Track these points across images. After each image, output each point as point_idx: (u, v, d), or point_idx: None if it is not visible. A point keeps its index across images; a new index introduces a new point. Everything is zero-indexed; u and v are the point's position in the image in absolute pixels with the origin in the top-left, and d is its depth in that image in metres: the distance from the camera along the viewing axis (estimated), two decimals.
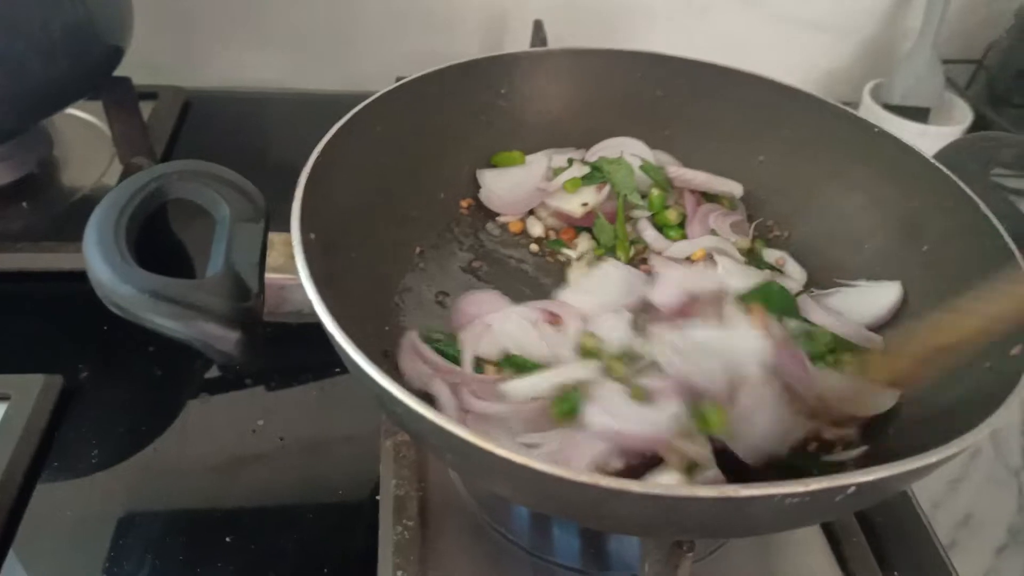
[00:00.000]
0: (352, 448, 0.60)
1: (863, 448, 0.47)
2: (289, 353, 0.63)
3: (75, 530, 0.53)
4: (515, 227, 0.65)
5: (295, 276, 0.42)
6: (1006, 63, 1.01)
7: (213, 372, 0.65)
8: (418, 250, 0.61)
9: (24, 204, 0.74)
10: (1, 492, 0.53)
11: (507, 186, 0.63)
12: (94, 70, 0.69)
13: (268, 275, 0.44)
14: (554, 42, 0.83)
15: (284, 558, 0.53)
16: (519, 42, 0.91)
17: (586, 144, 0.66)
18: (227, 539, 0.54)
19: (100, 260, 0.41)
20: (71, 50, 0.64)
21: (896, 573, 0.55)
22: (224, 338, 0.41)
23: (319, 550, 0.54)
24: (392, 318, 0.56)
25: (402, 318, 0.57)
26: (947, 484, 0.63)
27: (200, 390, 0.63)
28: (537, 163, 0.64)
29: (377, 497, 0.54)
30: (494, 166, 0.65)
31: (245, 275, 0.43)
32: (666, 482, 0.39)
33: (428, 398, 0.49)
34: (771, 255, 0.63)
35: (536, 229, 0.65)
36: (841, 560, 0.54)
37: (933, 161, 0.56)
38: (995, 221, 0.50)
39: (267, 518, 0.55)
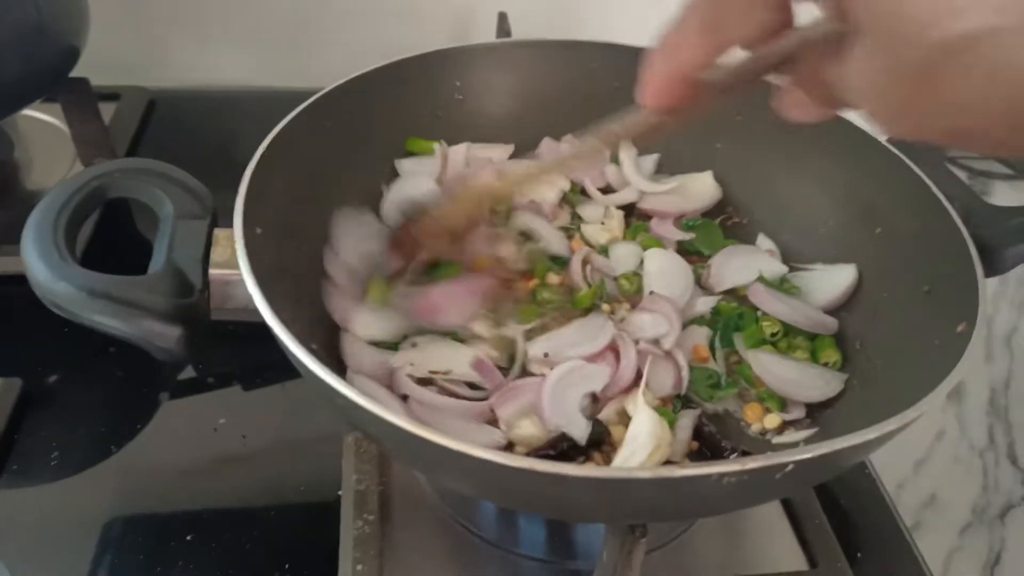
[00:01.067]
0: (315, 445, 0.60)
1: (814, 429, 0.47)
2: (251, 352, 0.63)
3: (34, 533, 0.53)
4: None
5: (238, 271, 0.42)
6: None
7: (174, 373, 0.64)
8: None
9: None
10: None
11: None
12: (49, 71, 0.69)
13: (212, 271, 0.44)
14: (520, 34, 0.83)
15: (246, 556, 0.53)
16: (487, 34, 0.91)
17: (536, 141, 0.66)
18: (188, 538, 0.53)
19: (36, 258, 0.40)
20: (22, 51, 0.64)
21: (860, 555, 0.55)
22: (165, 334, 0.40)
23: (281, 547, 0.53)
24: None
25: None
26: (912, 465, 0.64)
27: (161, 390, 0.63)
28: (454, 155, 0.63)
29: (339, 492, 0.54)
30: (411, 153, 0.64)
31: (188, 271, 0.43)
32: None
33: None
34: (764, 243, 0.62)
35: None
36: (803, 542, 0.54)
37: (886, 144, 0.56)
38: (945, 201, 0.50)
39: (229, 516, 0.55)
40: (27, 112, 0.80)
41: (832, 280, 0.56)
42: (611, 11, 0.96)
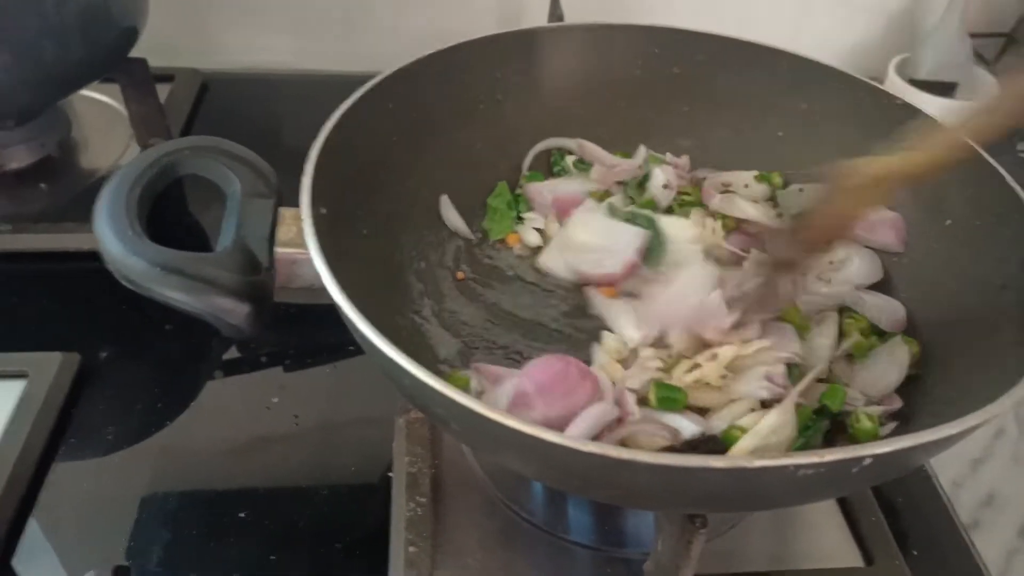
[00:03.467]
0: (366, 426, 0.60)
1: (893, 424, 0.46)
2: (304, 331, 0.64)
3: (92, 507, 0.54)
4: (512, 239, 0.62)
5: (305, 251, 0.42)
6: None
7: (229, 351, 0.65)
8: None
9: (43, 185, 0.75)
10: (19, 468, 0.54)
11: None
12: (109, 51, 0.70)
13: (278, 249, 0.44)
14: (571, 17, 0.82)
15: (298, 534, 0.53)
16: (536, 17, 0.90)
17: (595, 127, 0.65)
18: (241, 515, 0.54)
19: (111, 234, 0.41)
20: (86, 31, 0.65)
21: (915, 552, 0.54)
22: (234, 311, 0.41)
23: (333, 526, 0.54)
24: (406, 294, 0.56)
25: (416, 296, 0.56)
26: (969, 463, 0.62)
27: (215, 368, 0.64)
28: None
29: (390, 474, 0.54)
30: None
31: (255, 249, 0.43)
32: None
33: None
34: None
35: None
36: (859, 539, 0.53)
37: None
38: (1020, 191, 0.49)
39: (281, 495, 0.55)
40: (84, 92, 0.81)
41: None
42: None
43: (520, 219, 0.63)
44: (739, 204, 0.60)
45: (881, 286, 0.57)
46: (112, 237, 0.41)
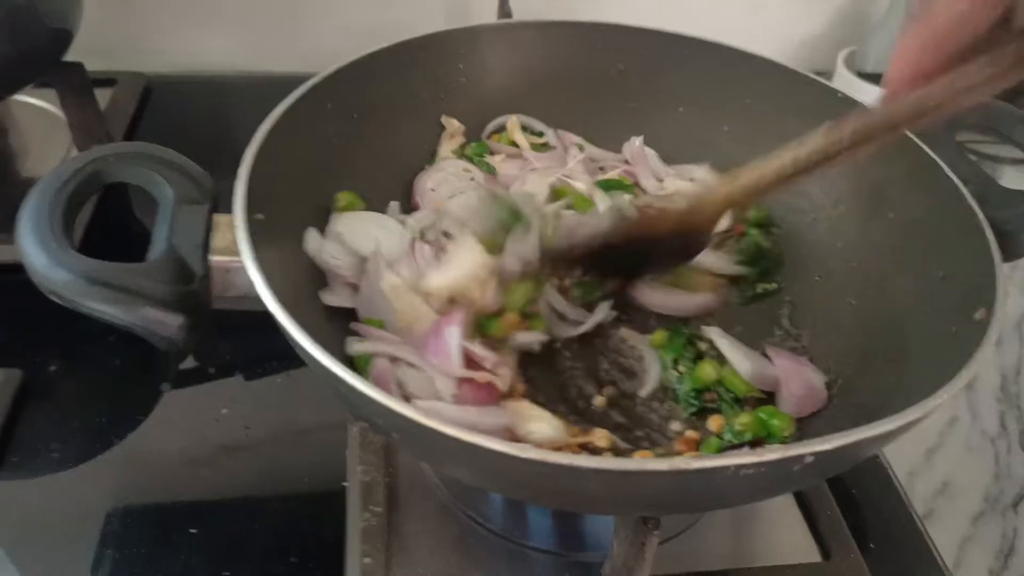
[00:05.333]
0: (319, 435, 0.59)
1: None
2: (254, 341, 0.63)
3: (35, 526, 0.52)
4: None
5: (240, 258, 0.41)
6: None
7: (175, 363, 0.63)
8: None
9: None
10: None
11: None
12: (41, 55, 0.67)
13: (212, 258, 0.42)
14: (519, 14, 0.82)
15: (251, 548, 0.52)
16: (486, 14, 0.89)
17: (545, 120, 0.65)
18: (192, 531, 0.53)
19: (33, 245, 0.39)
20: (12, 33, 0.62)
21: (872, 545, 0.54)
22: (165, 323, 0.39)
23: (287, 539, 0.53)
24: None
25: None
26: (924, 453, 0.63)
27: (162, 380, 0.62)
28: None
29: (345, 484, 0.53)
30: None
31: (188, 258, 0.41)
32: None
33: None
34: None
35: None
36: (816, 534, 0.53)
37: None
38: (960, 184, 0.49)
39: (233, 508, 0.54)
40: (21, 97, 0.79)
41: None
42: None
43: None
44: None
45: (826, 283, 0.57)
46: (35, 248, 0.39)
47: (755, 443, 0.48)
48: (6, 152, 0.78)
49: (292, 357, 0.61)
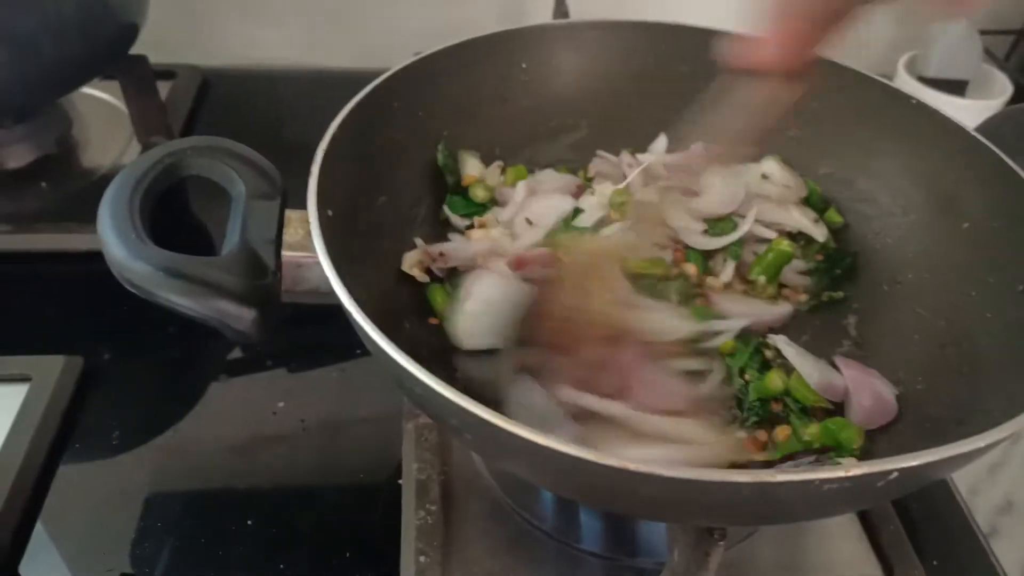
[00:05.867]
0: (374, 431, 0.59)
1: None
2: (310, 334, 0.63)
3: (97, 512, 0.53)
4: None
5: (312, 254, 0.41)
6: None
7: (233, 353, 0.64)
8: None
9: (43, 184, 0.74)
10: (24, 473, 0.53)
11: None
12: (109, 48, 0.69)
13: (285, 253, 0.43)
14: (576, 13, 0.81)
15: (305, 541, 0.53)
16: (540, 13, 0.89)
17: (602, 125, 0.65)
18: (248, 522, 0.53)
19: (114, 237, 0.40)
20: (85, 28, 0.64)
21: (935, 562, 0.53)
22: (239, 316, 0.40)
23: (340, 534, 0.53)
24: (414, 296, 0.55)
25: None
26: (986, 470, 0.61)
27: (220, 372, 0.63)
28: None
29: (399, 481, 0.53)
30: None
31: (261, 252, 0.42)
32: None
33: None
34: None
35: None
36: (877, 548, 0.52)
37: (973, 134, 0.53)
38: None
39: (287, 501, 0.55)
40: (85, 90, 0.80)
41: None
42: None
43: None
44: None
45: (895, 293, 0.56)
46: (116, 241, 0.40)
47: (820, 452, 0.47)
48: (69, 143, 0.79)
49: (347, 350, 0.62)
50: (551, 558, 0.51)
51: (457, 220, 0.60)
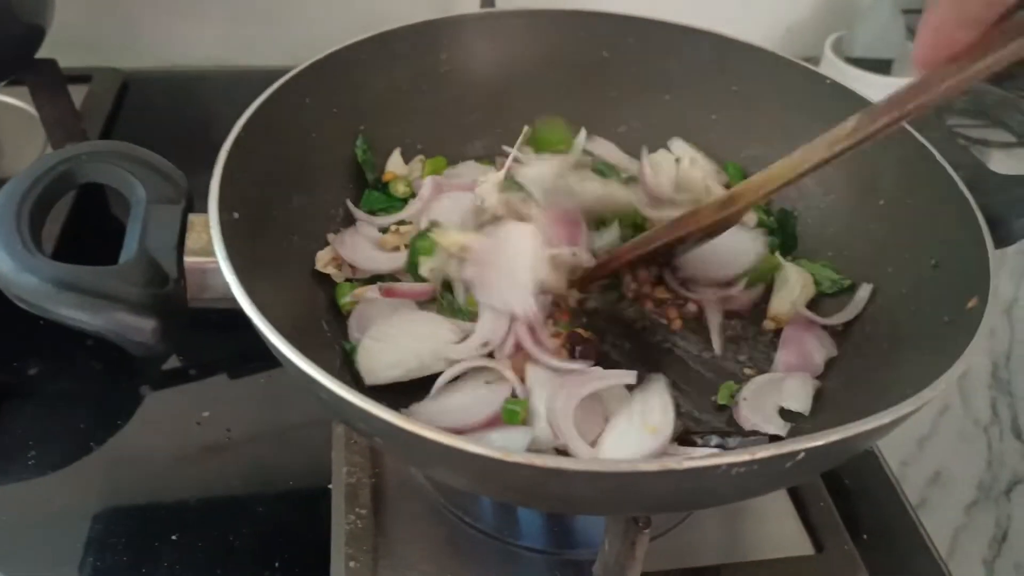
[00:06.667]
0: (303, 436, 0.58)
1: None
2: (234, 341, 0.61)
3: (13, 533, 0.51)
4: None
5: (215, 259, 0.40)
6: None
7: (155, 365, 0.62)
8: None
9: None
10: None
11: None
12: (12, 51, 0.66)
13: (188, 259, 0.41)
14: (501, 3, 0.80)
15: (233, 553, 0.51)
16: (468, 2, 0.88)
17: (527, 115, 0.63)
18: (173, 536, 0.52)
19: None
20: None
21: (865, 536, 0.53)
22: (139, 327, 0.38)
23: (270, 543, 0.52)
24: (326, 299, 0.53)
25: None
26: (916, 442, 0.62)
27: (141, 383, 0.61)
28: None
29: (329, 486, 0.52)
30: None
31: (162, 259, 0.40)
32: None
33: None
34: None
35: None
36: (809, 526, 0.53)
37: None
38: (950, 170, 0.48)
39: (215, 513, 0.53)
40: None
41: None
42: None
43: None
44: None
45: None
46: (1, 253, 0.38)
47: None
48: None
49: (273, 356, 0.61)
50: (489, 556, 0.51)
51: (365, 217, 0.58)
